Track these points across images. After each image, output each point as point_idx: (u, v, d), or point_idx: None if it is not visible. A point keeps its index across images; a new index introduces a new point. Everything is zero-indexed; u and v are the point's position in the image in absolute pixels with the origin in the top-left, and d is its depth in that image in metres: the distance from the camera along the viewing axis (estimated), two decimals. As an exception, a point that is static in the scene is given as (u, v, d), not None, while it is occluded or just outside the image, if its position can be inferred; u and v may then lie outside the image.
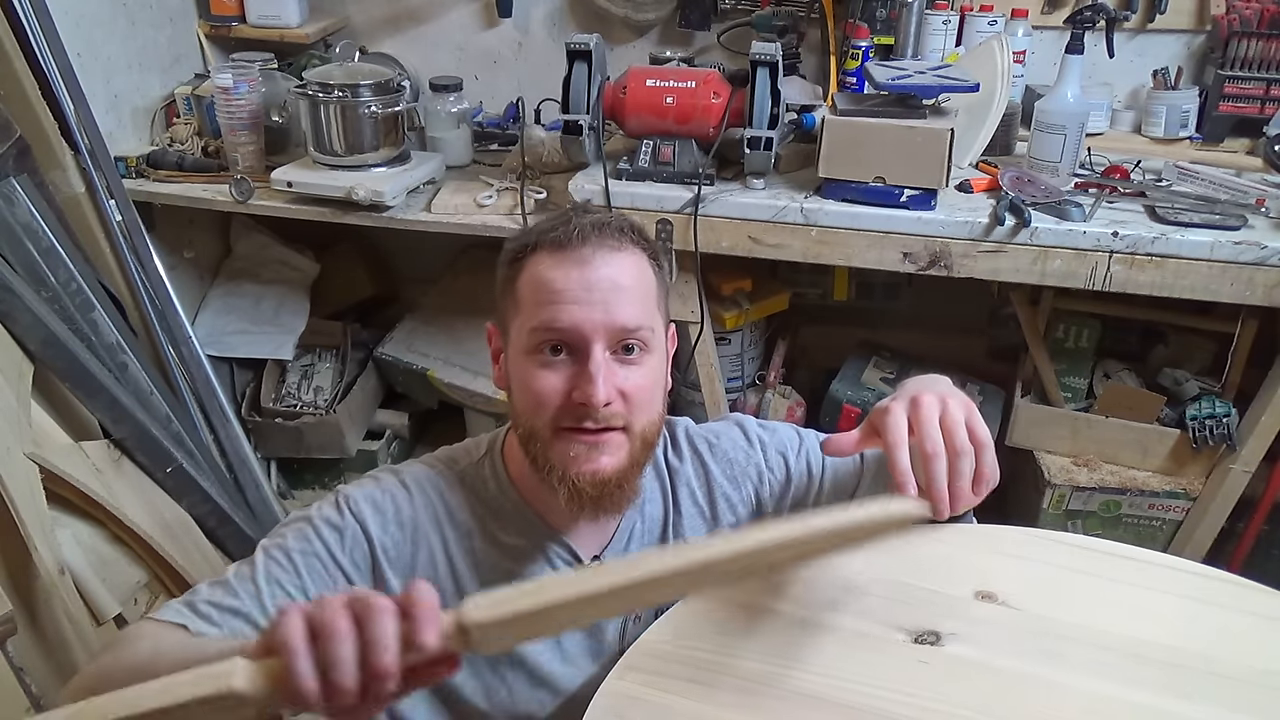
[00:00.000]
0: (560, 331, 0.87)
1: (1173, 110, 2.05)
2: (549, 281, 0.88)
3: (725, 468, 1.05)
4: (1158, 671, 0.86)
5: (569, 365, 0.88)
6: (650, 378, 0.91)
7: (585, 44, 1.80)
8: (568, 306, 0.87)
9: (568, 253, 0.88)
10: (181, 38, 2.38)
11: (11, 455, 1.37)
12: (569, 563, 0.97)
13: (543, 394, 0.88)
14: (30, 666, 1.35)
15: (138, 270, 1.89)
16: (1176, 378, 2.01)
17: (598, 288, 0.87)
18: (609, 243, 0.89)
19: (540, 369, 0.88)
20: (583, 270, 0.87)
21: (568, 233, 0.88)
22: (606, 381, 0.86)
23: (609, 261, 0.88)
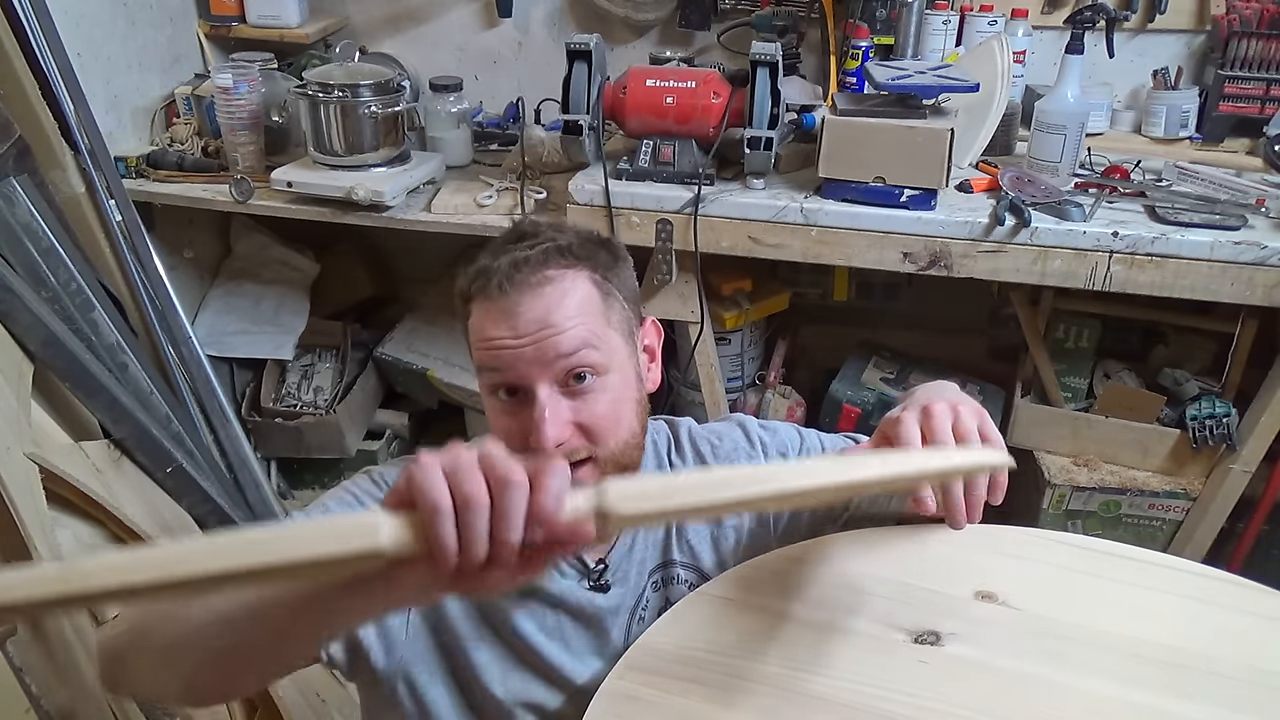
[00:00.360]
0: (502, 374, 0.87)
1: (1173, 110, 2.05)
2: (481, 330, 0.88)
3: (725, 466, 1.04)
4: (1158, 671, 0.86)
5: (521, 406, 0.88)
6: (610, 403, 0.89)
7: (585, 44, 1.80)
8: (501, 353, 0.87)
9: (494, 301, 0.87)
10: (181, 38, 2.38)
11: (11, 455, 1.37)
12: (574, 567, 0.97)
13: (505, 434, 0.88)
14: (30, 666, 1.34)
15: (138, 270, 1.89)
16: (1176, 378, 2.01)
17: (525, 332, 0.86)
18: (531, 280, 0.87)
19: (498, 413, 0.90)
20: (510, 319, 0.86)
21: (489, 281, 0.88)
22: (555, 421, 0.85)
23: (535, 301, 0.87)
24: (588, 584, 0.97)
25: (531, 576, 0.61)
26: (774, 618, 0.93)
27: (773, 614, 0.93)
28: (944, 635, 0.90)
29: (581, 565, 0.98)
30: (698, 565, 1.01)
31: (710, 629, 0.91)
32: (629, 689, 0.85)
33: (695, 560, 1.01)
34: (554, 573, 0.96)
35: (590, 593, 0.97)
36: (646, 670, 0.87)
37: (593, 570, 0.98)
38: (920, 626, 0.91)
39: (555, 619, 0.97)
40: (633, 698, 0.85)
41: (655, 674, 0.87)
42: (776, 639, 0.90)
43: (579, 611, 0.97)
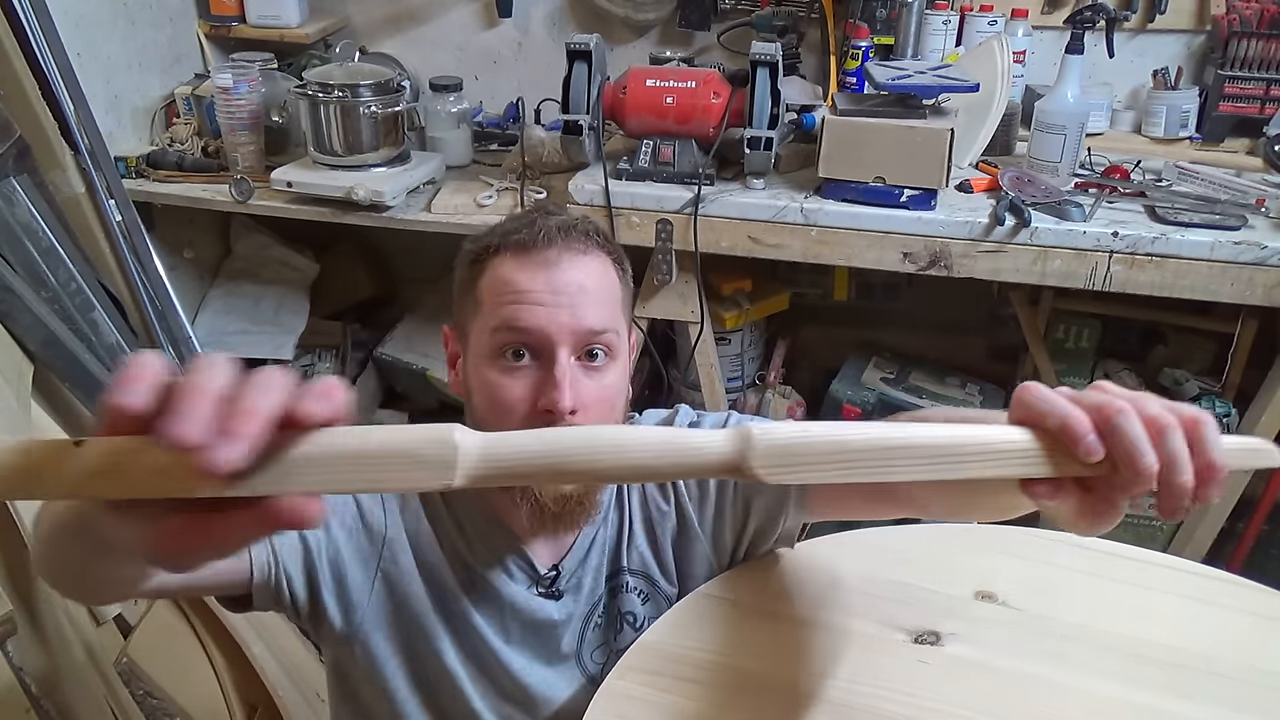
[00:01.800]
0: (524, 333, 0.84)
1: (1173, 110, 2.05)
2: (513, 283, 0.85)
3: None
4: (1158, 671, 0.86)
5: (533, 371, 0.85)
6: (614, 386, 0.88)
7: (585, 44, 1.80)
8: (532, 308, 0.84)
9: (532, 254, 0.85)
10: (181, 38, 2.38)
11: (11, 455, 1.37)
12: (525, 573, 0.94)
13: (507, 402, 0.85)
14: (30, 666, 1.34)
15: (138, 270, 1.89)
16: (1176, 378, 2.01)
17: (564, 290, 0.84)
18: (575, 245, 0.86)
19: (502, 375, 0.85)
20: (548, 272, 0.84)
21: (532, 234, 0.86)
22: (575, 384, 0.83)
23: (575, 264, 0.86)
24: (538, 590, 0.95)
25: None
26: (774, 618, 0.93)
27: (772, 614, 0.93)
28: (944, 635, 0.90)
29: (532, 570, 0.94)
30: (646, 573, 0.99)
31: (710, 629, 0.91)
32: (629, 689, 0.85)
33: (644, 568, 0.98)
34: (502, 574, 0.94)
35: (541, 599, 0.95)
36: (646, 670, 0.87)
37: (544, 577, 0.95)
38: (920, 626, 0.91)
39: (503, 621, 0.95)
40: (633, 698, 0.85)
41: (655, 674, 0.87)
42: (776, 639, 0.90)
43: (527, 618, 0.95)
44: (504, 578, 0.94)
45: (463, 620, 0.94)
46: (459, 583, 0.93)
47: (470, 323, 0.89)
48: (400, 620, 0.93)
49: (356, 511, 0.91)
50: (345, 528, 0.90)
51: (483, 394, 0.87)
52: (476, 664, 0.95)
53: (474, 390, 0.89)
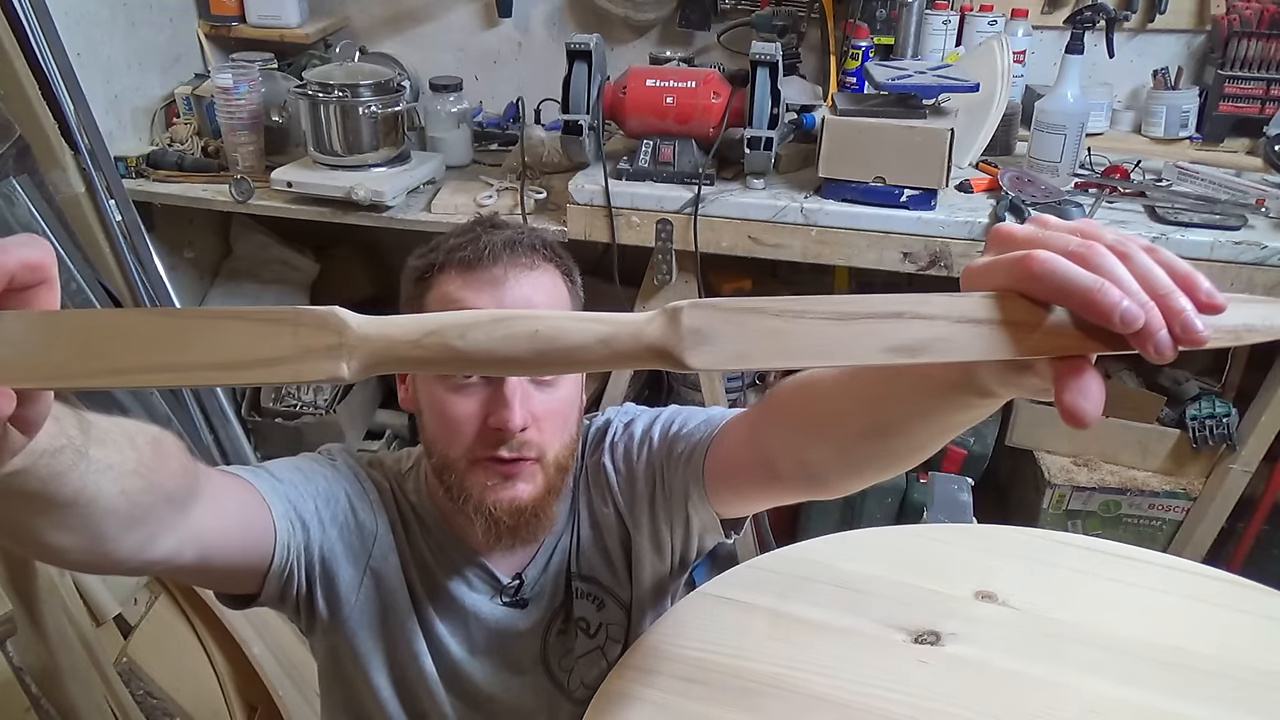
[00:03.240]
0: None
1: (1173, 110, 2.05)
2: (459, 301, 0.84)
3: (591, 476, 0.98)
4: (1158, 671, 0.86)
5: (481, 389, 0.84)
6: (565, 401, 0.87)
7: (585, 44, 1.80)
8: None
9: (478, 273, 0.84)
10: (181, 38, 2.38)
11: (11, 455, 1.37)
12: (486, 583, 0.94)
13: (456, 421, 0.84)
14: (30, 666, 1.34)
15: (138, 270, 1.89)
16: (1176, 378, 2.01)
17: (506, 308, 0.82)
18: (521, 260, 0.85)
19: (451, 394, 0.84)
20: (494, 291, 0.83)
21: (477, 251, 0.84)
22: (524, 404, 0.82)
23: (520, 280, 0.84)
24: (502, 600, 0.94)
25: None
26: (774, 618, 0.93)
27: (772, 614, 0.93)
28: (944, 635, 0.90)
29: (493, 581, 0.94)
30: (595, 578, 0.98)
31: (710, 629, 0.91)
32: (629, 689, 0.86)
33: (594, 574, 0.98)
34: (464, 586, 0.94)
35: (505, 609, 0.94)
36: (646, 670, 0.87)
37: (507, 587, 0.94)
38: (920, 626, 0.91)
39: (467, 631, 0.95)
40: (633, 698, 0.85)
41: (655, 674, 0.87)
42: (776, 639, 0.90)
43: (493, 627, 0.94)
44: (464, 588, 0.94)
45: (431, 627, 0.94)
46: (425, 590, 0.94)
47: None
48: (385, 619, 0.93)
49: (348, 506, 0.91)
50: (338, 524, 0.90)
51: (432, 412, 0.87)
52: (446, 672, 0.94)
53: (424, 408, 0.88)
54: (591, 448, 0.99)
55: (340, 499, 0.91)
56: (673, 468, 0.90)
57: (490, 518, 0.85)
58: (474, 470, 0.85)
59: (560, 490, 0.90)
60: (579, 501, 0.98)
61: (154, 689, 1.54)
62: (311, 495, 0.89)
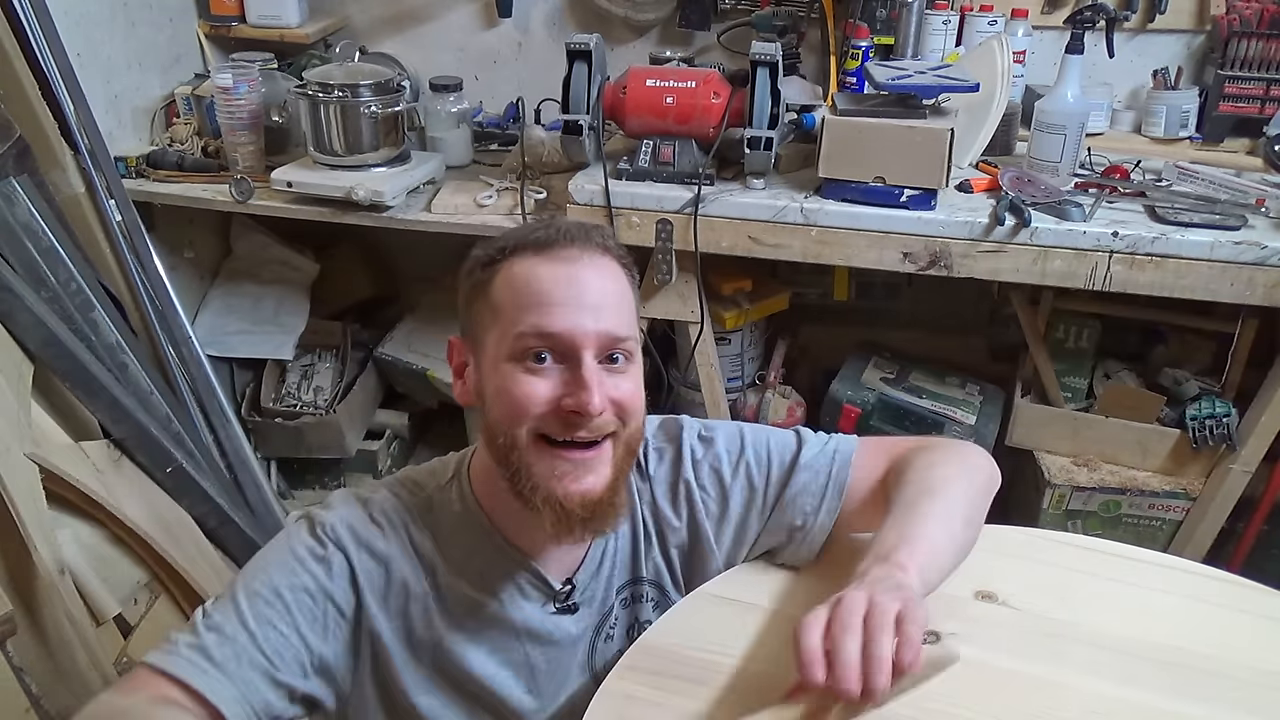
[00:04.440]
0: (551, 337, 0.82)
1: (1173, 110, 2.05)
2: (535, 281, 0.83)
3: (663, 487, 0.99)
4: (1158, 671, 0.86)
5: (556, 372, 0.83)
6: (634, 387, 0.87)
7: (585, 44, 1.80)
8: (558, 309, 0.82)
9: (555, 252, 0.84)
10: (181, 38, 2.38)
11: (11, 455, 1.37)
12: (537, 588, 0.93)
13: (526, 398, 0.83)
14: (30, 666, 1.34)
15: (138, 270, 1.89)
16: (1176, 378, 2.01)
17: (588, 292, 0.83)
18: (594, 246, 0.86)
19: (524, 374, 0.83)
20: (570, 269, 0.84)
21: (551, 235, 0.85)
22: (601, 387, 0.82)
23: (595, 264, 0.85)
24: (554, 607, 0.94)
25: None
26: (774, 618, 0.92)
27: (773, 614, 0.93)
28: (944, 635, 0.89)
29: (546, 587, 0.93)
30: (659, 583, 0.99)
31: (710, 629, 0.91)
32: (629, 689, 0.85)
33: (658, 578, 0.99)
34: (516, 595, 0.92)
35: (556, 617, 0.94)
36: (646, 670, 0.87)
37: (559, 592, 0.94)
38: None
39: (519, 648, 0.93)
40: (633, 698, 0.85)
41: (655, 674, 0.87)
42: (776, 639, 0.90)
43: (545, 638, 0.94)
44: (517, 598, 0.93)
45: (461, 670, 0.92)
46: (465, 613, 0.92)
47: (486, 328, 0.87)
48: (387, 697, 0.92)
49: (318, 613, 0.87)
50: (314, 626, 0.86)
51: (501, 396, 0.85)
52: (477, 708, 0.93)
53: (491, 394, 0.86)
54: (659, 454, 1.00)
55: (314, 595, 0.87)
56: (781, 515, 0.98)
57: (561, 509, 0.84)
58: (541, 456, 0.84)
59: (627, 473, 0.90)
60: (641, 505, 0.98)
61: (154, 689, 1.53)
62: (279, 628, 0.84)
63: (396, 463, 2.60)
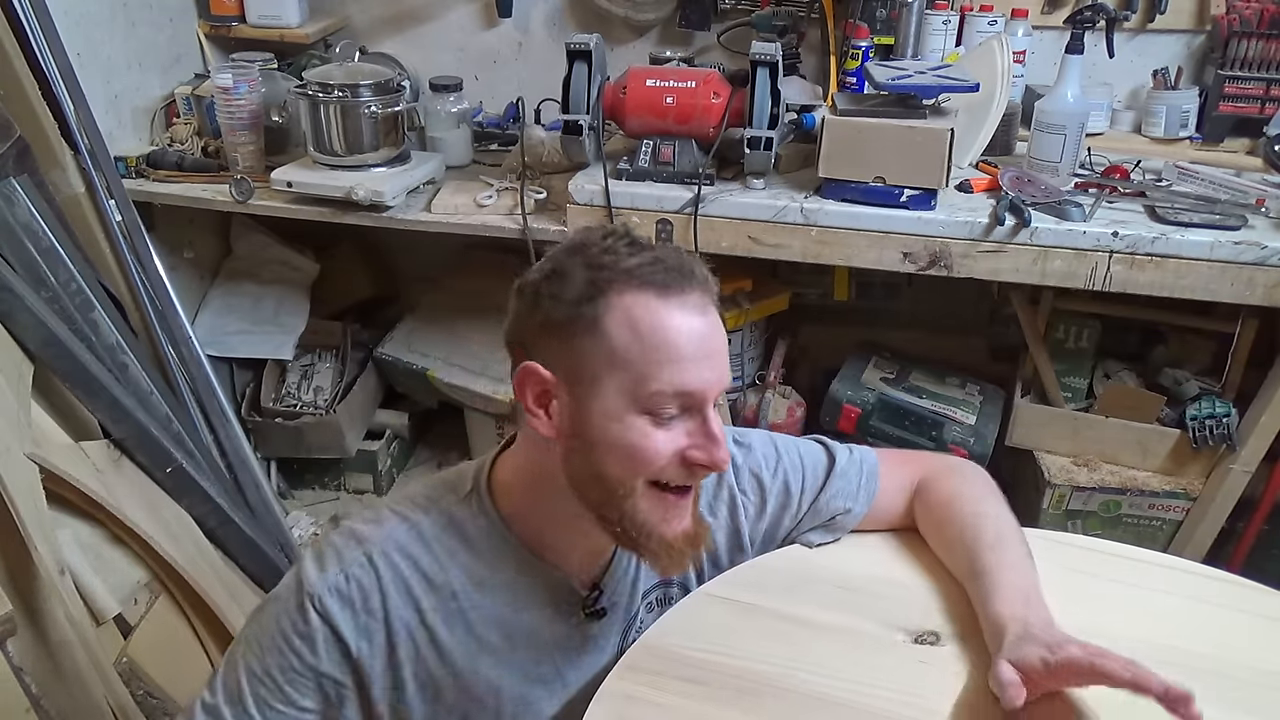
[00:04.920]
0: (689, 396, 0.81)
1: (1173, 110, 2.05)
2: (668, 333, 0.80)
3: (702, 492, 0.98)
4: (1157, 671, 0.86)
5: (680, 424, 0.82)
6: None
7: (585, 44, 1.80)
8: (694, 367, 0.81)
9: (679, 298, 0.81)
10: (181, 38, 2.38)
11: (11, 455, 1.37)
12: (565, 598, 0.93)
13: (656, 453, 0.82)
14: (30, 666, 1.34)
15: (138, 270, 1.89)
16: (1176, 378, 2.01)
17: (716, 348, 0.83)
18: (705, 288, 0.84)
19: (656, 428, 0.82)
20: (699, 322, 0.82)
21: (667, 276, 0.81)
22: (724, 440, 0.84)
23: (713, 313, 0.84)
24: (582, 615, 0.94)
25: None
26: (774, 618, 0.93)
27: (773, 614, 0.93)
28: (944, 635, 0.90)
29: (573, 595, 0.93)
30: (687, 586, 1.00)
31: (710, 629, 0.91)
32: (629, 689, 0.86)
33: (686, 581, 1.00)
34: (545, 607, 0.92)
35: (585, 624, 0.94)
36: (646, 670, 0.87)
37: (587, 599, 0.94)
38: (920, 626, 0.91)
39: (549, 661, 0.93)
40: (633, 698, 0.85)
41: (655, 674, 0.87)
42: (776, 639, 0.90)
43: (574, 648, 0.94)
44: (548, 612, 0.92)
45: (498, 673, 0.92)
46: (487, 636, 0.91)
47: (600, 370, 0.81)
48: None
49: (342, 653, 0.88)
50: (313, 696, 0.88)
51: (625, 445, 0.82)
52: (523, 704, 0.93)
53: (608, 441, 0.83)
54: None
55: (304, 674, 0.88)
56: (813, 517, 1.03)
57: (672, 549, 0.86)
58: (652, 502, 0.84)
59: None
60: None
61: (154, 689, 1.54)
62: (278, 708, 0.87)
63: (396, 463, 2.60)
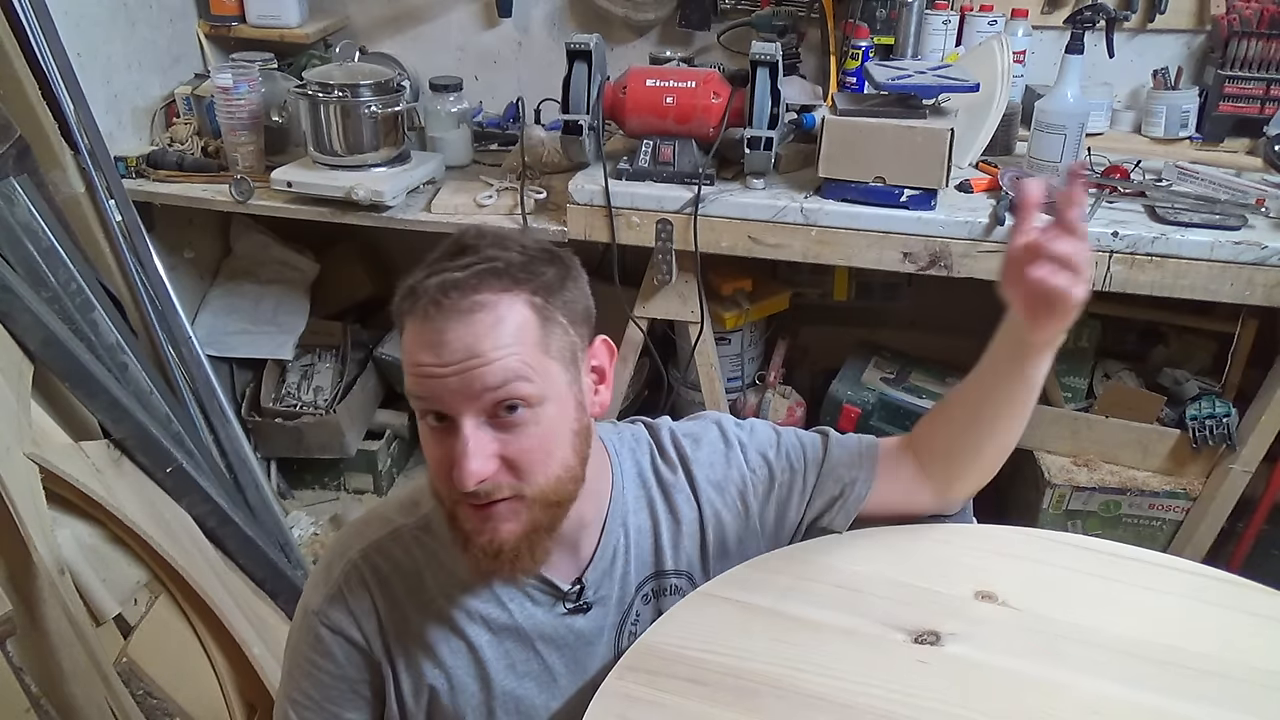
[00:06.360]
0: (427, 401, 0.82)
1: (1173, 110, 2.05)
2: (410, 354, 0.82)
3: (708, 472, 1.00)
4: (1158, 671, 0.86)
5: (449, 434, 0.82)
6: (540, 437, 0.82)
7: (585, 44, 1.80)
8: (429, 382, 0.80)
9: (421, 326, 0.81)
10: (181, 38, 2.38)
11: (11, 455, 1.37)
12: (545, 591, 0.93)
13: (435, 462, 0.84)
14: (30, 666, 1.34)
15: (138, 270, 1.89)
16: (1176, 378, 2.01)
17: (450, 361, 0.79)
18: (462, 305, 0.80)
19: (429, 434, 0.84)
20: (436, 348, 0.80)
21: (420, 305, 0.80)
22: (479, 455, 0.80)
23: (462, 331, 0.79)
24: (565, 608, 0.94)
25: None
26: (774, 618, 0.92)
27: (772, 614, 0.93)
28: (944, 635, 0.90)
29: (553, 589, 0.93)
30: (691, 574, 0.99)
31: (710, 629, 0.91)
32: (629, 689, 0.86)
33: (689, 568, 0.99)
34: (525, 602, 0.93)
35: (569, 618, 0.94)
36: (646, 670, 0.87)
37: (568, 593, 0.93)
38: (920, 626, 0.91)
39: (535, 658, 0.94)
40: (633, 698, 0.85)
41: (655, 674, 0.87)
42: (776, 639, 0.90)
43: (560, 641, 0.94)
44: (527, 605, 0.93)
45: (487, 660, 0.94)
46: (469, 629, 0.93)
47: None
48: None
49: (367, 651, 0.93)
50: (370, 667, 0.94)
51: (425, 451, 0.86)
52: (514, 696, 0.94)
53: (422, 442, 0.88)
54: (694, 440, 1.02)
55: (340, 685, 0.94)
56: (822, 493, 1.02)
57: (475, 559, 0.85)
58: (458, 508, 0.84)
59: (555, 523, 0.86)
60: (669, 496, 0.99)
61: (154, 689, 1.54)
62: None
63: (396, 463, 2.60)
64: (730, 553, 1.00)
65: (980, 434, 1.00)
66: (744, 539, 1.01)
